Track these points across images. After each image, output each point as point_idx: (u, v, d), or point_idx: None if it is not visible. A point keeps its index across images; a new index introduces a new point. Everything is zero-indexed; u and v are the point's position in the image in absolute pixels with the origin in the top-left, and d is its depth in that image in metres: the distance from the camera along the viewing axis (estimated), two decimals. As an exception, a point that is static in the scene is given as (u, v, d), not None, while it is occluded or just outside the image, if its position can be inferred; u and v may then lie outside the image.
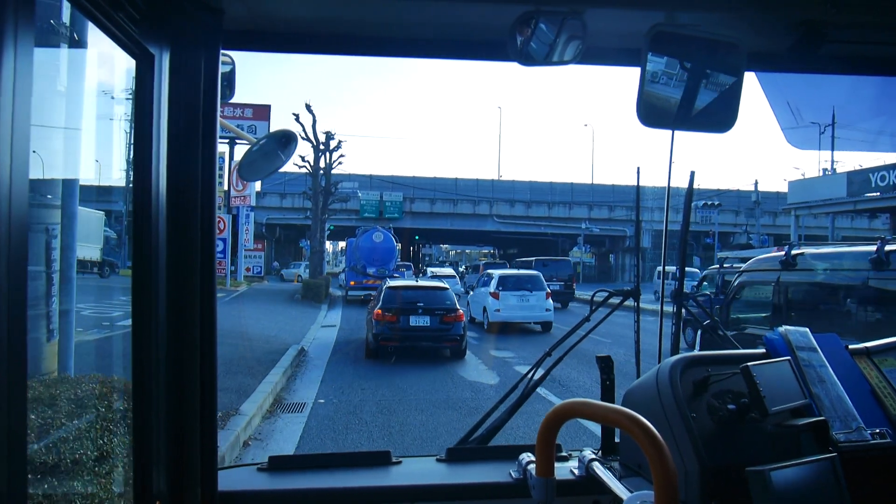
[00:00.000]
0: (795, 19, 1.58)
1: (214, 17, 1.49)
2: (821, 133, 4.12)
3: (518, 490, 1.67)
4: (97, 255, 26.94)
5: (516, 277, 19.79)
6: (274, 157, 1.92)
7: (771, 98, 2.28)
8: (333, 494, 1.70)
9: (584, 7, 1.46)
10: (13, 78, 0.88)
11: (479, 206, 55.69)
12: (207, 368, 1.52)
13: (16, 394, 0.89)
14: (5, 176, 0.87)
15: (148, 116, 1.40)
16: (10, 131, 0.88)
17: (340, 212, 45.86)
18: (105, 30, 1.24)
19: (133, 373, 1.43)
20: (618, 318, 2.41)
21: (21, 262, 0.91)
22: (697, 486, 1.46)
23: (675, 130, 1.75)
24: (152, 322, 1.43)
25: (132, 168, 1.46)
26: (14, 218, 0.89)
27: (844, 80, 2.15)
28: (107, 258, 27.95)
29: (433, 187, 56.49)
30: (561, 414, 1.32)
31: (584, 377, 10.66)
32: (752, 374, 1.49)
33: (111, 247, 29.51)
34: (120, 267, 28.80)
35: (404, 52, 1.72)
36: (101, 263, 27.31)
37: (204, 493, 1.52)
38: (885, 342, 1.90)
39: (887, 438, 1.61)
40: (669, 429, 1.53)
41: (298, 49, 1.72)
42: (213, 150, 1.52)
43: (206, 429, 1.52)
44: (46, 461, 3.05)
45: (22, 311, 0.91)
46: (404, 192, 54.30)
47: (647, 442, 1.10)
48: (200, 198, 1.50)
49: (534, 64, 1.51)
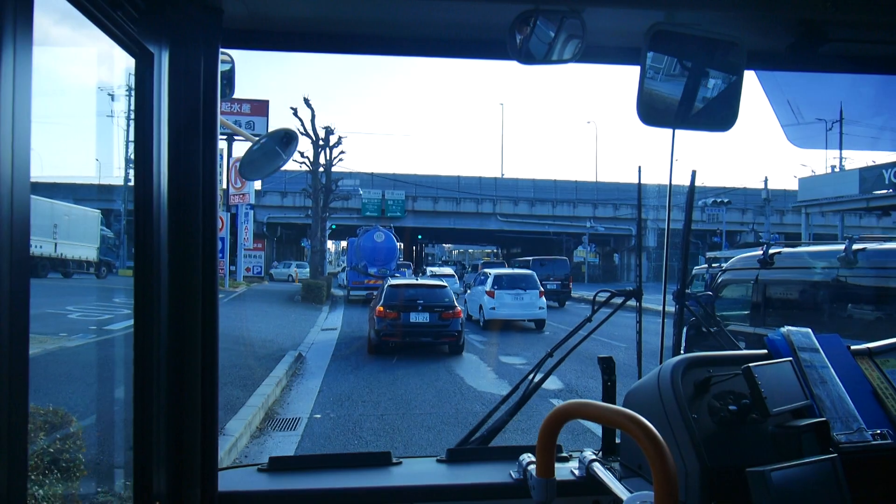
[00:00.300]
0: (795, 18, 1.58)
1: (214, 15, 1.49)
2: (828, 130, 4.10)
3: (518, 491, 1.66)
4: (94, 254, 26.53)
5: (511, 276, 20.39)
6: (274, 156, 1.91)
7: (771, 96, 2.28)
8: (333, 495, 1.70)
9: (583, 6, 1.46)
10: (13, 78, 0.88)
11: (482, 205, 54.75)
12: (208, 368, 1.52)
13: (16, 394, 0.89)
14: (6, 176, 0.87)
15: (148, 115, 1.40)
16: (11, 131, 0.88)
17: (342, 210, 45.19)
18: (104, 29, 1.23)
19: (134, 373, 1.43)
20: (626, 321, 2.40)
21: (22, 262, 0.90)
22: (698, 487, 1.46)
23: (675, 129, 1.75)
24: (153, 322, 1.43)
25: (133, 167, 1.46)
26: (15, 218, 0.89)
27: (845, 79, 2.15)
28: (104, 258, 27.51)
29: (436, 185, 55.23)
30: (561, 415, 1.32)
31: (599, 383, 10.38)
32: (754, 375, 1.49)
33: (108, 246, 29.02)
34: (118, 267, 28.35)
35: (404, 51, 1.71)
36: (98, 264, 26.90)
37: (204, 494, 1.52)
38: (887, 343, 1.90)
39: (888, 439, 1.61)
40: (670, 429, 1.53)
41: (297, 48, 1.72)
42: (214, 149, 1.52)
43: (206, 429, 1.52)
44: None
45: (23, 311, 0.91)
46: (406, 190, 53.36)
47: (647, 443, 1.10)
48: (202, 197, 1.50)
49: (533, 62, 1.51)
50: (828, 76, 2.14)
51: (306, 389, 10.12)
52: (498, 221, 55.00)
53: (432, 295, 14.22)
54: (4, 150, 0.87)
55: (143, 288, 1.42)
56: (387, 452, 1.88)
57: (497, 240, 67.79)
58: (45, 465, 3.09)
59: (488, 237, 65.45)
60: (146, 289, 1.42)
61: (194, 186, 1.49)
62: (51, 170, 45.35)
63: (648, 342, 2.23)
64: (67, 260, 24.64)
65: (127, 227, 27.67)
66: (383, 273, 26.76)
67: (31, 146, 0.93)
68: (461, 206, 54.75)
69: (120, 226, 30.10)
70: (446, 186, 55.48)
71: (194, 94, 1.48)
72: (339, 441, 7.48)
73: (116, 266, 28.46)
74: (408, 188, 53.84)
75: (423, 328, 13.66)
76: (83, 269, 26.03)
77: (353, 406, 9.14)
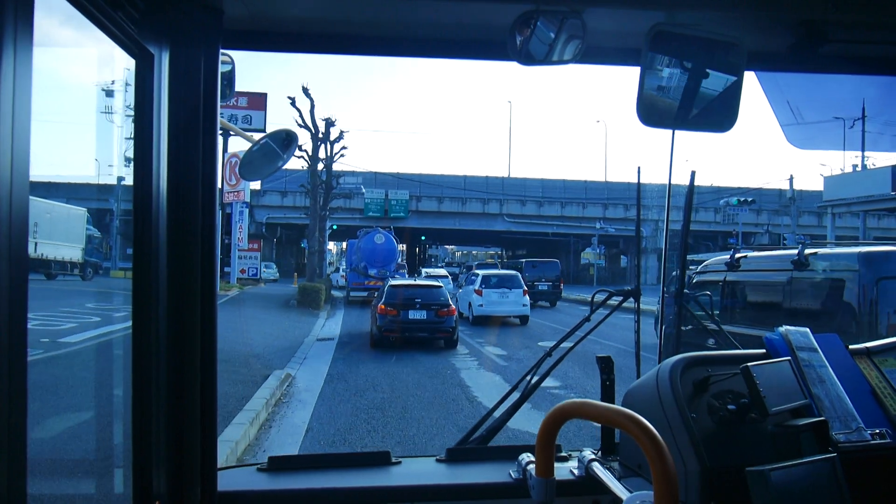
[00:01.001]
0: (795, 19, 1.58)
1: (214, 16, 1.49)
2: (849, 128, 4.04)
3: (518, 490, 1.67)
4: (78, 255, 25.27)
5: (497, 277, 22.47)
6: (274, 157, 1.92)
7: (771, 97, 2.28)
8: (333, 494, 1.70)
9: (583, 6, 1.46)
10: (13, 78, 0.88)
11: (488, 205, 53.52)
12: (207, 368, 1.52)
13: (16, 394, 0.89)
14: (5, 176, 0.87)
15: (148, 116, 1.40)
16: (11, 131, 0.88)
17: (343, 210, 44.41)
18: (104, 29, 1.24)
19: (133, 373, 1.43)
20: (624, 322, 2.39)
21: (21, 261, 0.91)
22: (697, 487, 1.46)
23: (675, 130, 1.75)
24: (152, 322, 1.43)
25: (127, 166, 1.46)
26: (14, 218, 0.89)
27: (845, 79, 2.15)
28: (89, 259, 26.25)
29: (441, 185, 54.04)
30: (561, 414, 1.32)
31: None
32: (753, 375, 1.49)
33: (95, 247, 27.89)
34: (102, 268, 26.76)
35: (404, 52, 1.72)
36: (83, 265, 25.67)
37: (204, 494, 1.52)
38: (885, 342, 1.90)
39: (887, 439, 1.62)
40: (669, 429, 1.53)
41: (298, 48, 1.72)
42: (214, 150, 1.52)
43: (205, 429, 1.52)
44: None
45: (22, 311, 0.91)
46: (410, 189, 52.25)
47: (646, 442, 1.10)
48: (201, 198, 1.50)
49: (533, 63, 1.51)
50: (828, 76, 2.14)
51: (292, 425, 8.07)
52: (505, 222, 53.89)
53: (429, 294, 15.50)
54: (4, 150, 0.87)
55: (141, 288, 1.42)
56: (386, 452, 1.88)
57: (503, 241, 66.39)
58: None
59: (494, 239, 64.02)
60: (144, 289, 1.42)
61: (194, 187, 1.49)
62: (48, 169, 44.94)
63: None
64: (49, 261, 23.17)
65: (120, 226, 26.52)
66: (383, 274, 27.21)
67: (31, 146, 0.93)
68: (467, 206, 53.54)
69: (112, 224, 28.79)
70: (452, 186, 54.21)
71: (194, 95, 1.49)
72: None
73: (104, 267, 27.03)
74: (412, 187, 52.65)
75: (420, 324, 14.98)
76: (67, 270, 24.66)
77: (351, 445, 7.22)
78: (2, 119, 0.87)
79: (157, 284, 1.44)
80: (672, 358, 1.70)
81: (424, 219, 52.61)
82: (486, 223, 54.11)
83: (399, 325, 14.74)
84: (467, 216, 53.66)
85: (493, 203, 53.63)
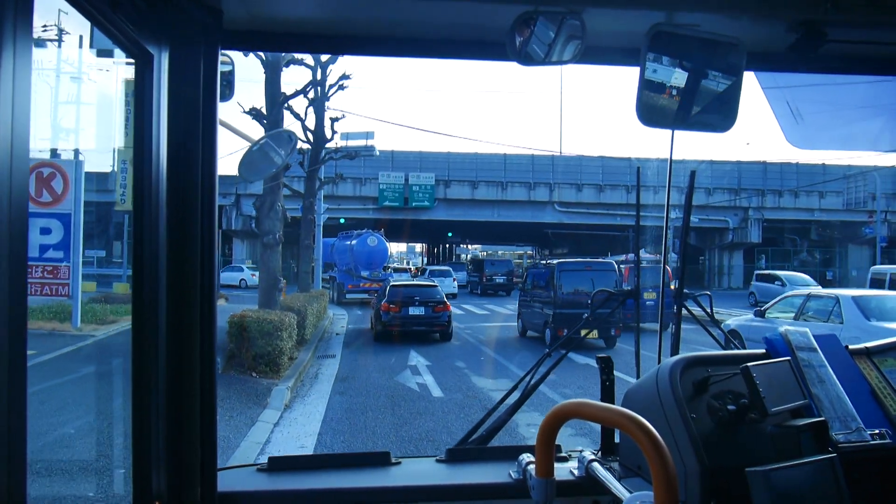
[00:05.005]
0: (795, 19, 1.58)
1: (213, 16, 1.49)
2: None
3: (518, 491, 1.67)
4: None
5: (439, 270, 38.22)
6: (273, 157, 1.92)
7: (770, 97, 2.28)
8: (333, 495, 1.70)
9: (583, 7, 1.46)
10: (12, 77, 0.88)
11: (535, 191, 42.26)
12: (207, 368, 1.52)
13: (16, 394, 0.89)
14: (5, 175, 0.87)
15: (147, 116, 1.40)
16: (10, 131, 0.88)
17: (352, 199, 37.69)
18: (104, 29, 1.24)
19: (133, 373, 1.43)
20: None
21: (21, 260, 0.91)
22: (697, 487, 1.46)
23: (674, 130, 1.75)
24: (152, 322, 1.44)
25: (133, 167, 1.46)
26: (14, 217, 0.89)
27: (845, 79, 2.15)
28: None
29: (475, 166, 42.20)
30: (560, 414, 1.32)
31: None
32: (752, 375, 1.49)
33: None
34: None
35: (403, 52, 1.72)
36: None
37: (203, 494, 1.52)
38: (885, 342, 1.90)
39: (887, 439, 1.61)
40: (669, 429, 1.53)
41: (297, 49, 1.72)
42: (214, 151, 1.52)
43: (205, 429, 1.52)
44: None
45: (22, 311, 0.91)
46: (437, 173, 41.39)
47: (646, 442, 1.10)
48: (200, 198, 1.50)
49: (533, 64, 1.51)
50: (828, 76, 2.14)
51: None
52: (555, 212, 43.05)
53: (427, 293, 18.02)
54: (3, 150, 0.87)
55: (141, 288, 1.42)
56: (386, 452, 1.88)
57: (547, 238, 53.41)
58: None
59: (537, 235, 51.70)
60: (144, 289, 1.42)
61: (193, 188, 1.49)
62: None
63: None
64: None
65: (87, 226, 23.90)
66: (375, 276, 28.72)
67: (30, 147, 0.93)
68: (508, 192, 42.33)
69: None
70: (489, 167, 42.51)
71: (194, 95, 1.49)
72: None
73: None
74: (439, 171, 41.66)
75: (419, 319, 17.32)
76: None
77: None
78: (1, 119, 0.87)
79: (156, 284, 1.44)
80: (672, 358, 1.70)
81: (454, 209, 42.33)
82: (532, 213, 43.29)
83: (400, 320, 17.10)
84: (508, 205, 42.84)
85: (541, 188, 42.42)
